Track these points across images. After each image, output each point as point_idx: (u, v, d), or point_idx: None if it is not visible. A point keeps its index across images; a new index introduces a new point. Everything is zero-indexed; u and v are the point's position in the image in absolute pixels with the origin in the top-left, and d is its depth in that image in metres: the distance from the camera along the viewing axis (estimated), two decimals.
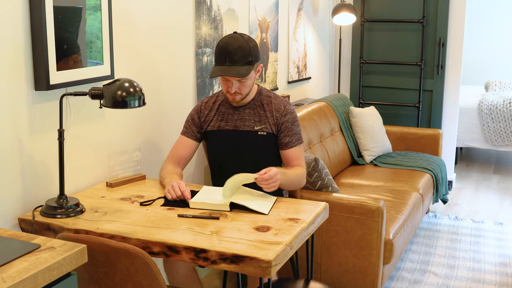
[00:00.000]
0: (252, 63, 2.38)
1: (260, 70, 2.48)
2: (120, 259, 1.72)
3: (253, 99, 2.53)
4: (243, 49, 2.35)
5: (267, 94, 2.56)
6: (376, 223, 2.77)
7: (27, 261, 1.46)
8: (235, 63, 2.35)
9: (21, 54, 2.02)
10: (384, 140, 4.33)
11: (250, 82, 2.43)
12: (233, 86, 2.40)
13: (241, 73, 2.34)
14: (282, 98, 2.58)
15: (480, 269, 3.46)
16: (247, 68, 2.36)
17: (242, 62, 2.35)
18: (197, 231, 1.92)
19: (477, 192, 5.03)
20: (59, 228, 1.98)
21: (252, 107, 2.52)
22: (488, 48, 7.64)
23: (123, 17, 2.50)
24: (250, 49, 2.37)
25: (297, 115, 2.57)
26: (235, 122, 2.52)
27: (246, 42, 2.37)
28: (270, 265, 1.71)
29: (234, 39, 2.38)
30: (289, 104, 2.56)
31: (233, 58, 2.34)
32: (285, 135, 2.50)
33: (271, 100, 2.54)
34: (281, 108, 2.51)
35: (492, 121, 5.61)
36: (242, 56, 2.35)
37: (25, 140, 2.08)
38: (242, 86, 2.42)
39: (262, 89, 2.58)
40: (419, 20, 4.85)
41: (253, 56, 2.38)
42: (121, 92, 2.03)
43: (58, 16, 2.09)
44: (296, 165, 2.50)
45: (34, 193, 2.14)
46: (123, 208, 2.14)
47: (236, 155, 2.52)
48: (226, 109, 2.55)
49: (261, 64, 2.49)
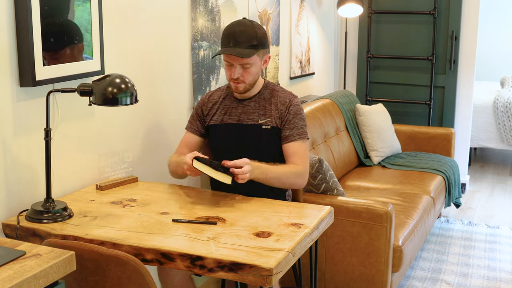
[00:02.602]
0: (257, 48, 2.45)
1: (268, 61, 2.55)
2: (110, 267, 1.72)
3: (259, 92, 2.59)
4: (248, 32, 2.44)
5: (273, 88, 2.62)
6: (384, 228, 2.77)
7: (12, 269, 1.46)
8: (238, 45, 2.43)
9: (5, 48, 2.02)
10: (393, 140, 4.33)
11: (254, 70, 2.49)
12: (235, 71, 2.46)
13: (243, 53, 2.41)
14: (289, 92, 2.63)
15: (496, 277, 3.46)
16: (250, 51, 2.43)
17: (246, 45, 2.43)
18: (193, 237, 1.92)
19: (492, 196, 5.03)
20: (45, 234, 1.98)
21: (257, 100, 2.58)
22: (504, 41, 7.64)
23: (114, 9, 2.50)
24: (256, 34, 2.45)
25: (303, 109, 2.60)
26: (239, 115, 2.57)
27: (253, 27, 2.46)
28: (271, 273, 1.71)
29: (241, 23, 2.49)
30: (295, 97, 2.60)
31: (237, 39, 2.44)
32: (287, 128, 2.54)
33: (277, 93, 2.59)
34: (286, 101, 2.56)
35: (508, 119, 5.61)
36: (247, 39, 2.43)
37: (9, 140, 2.08)
38: (246, 73, 2.47)
39: (268, 83, 2.64)
40: (430, 11, 4.85)
41: (258, 41, 2.45)
42: (112, 88, 2.03)
43: (45, 7, 2.09)
44: (293, 162, 2.50)
45: (18, 196, 2.14)
46: (114, 213, 2.14)
47: (239, 149, 2.54)
48: (230, 102, 2.61)
49: (269, 55, 2.56)
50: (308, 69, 4.70)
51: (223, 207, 2.22)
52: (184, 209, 2.21)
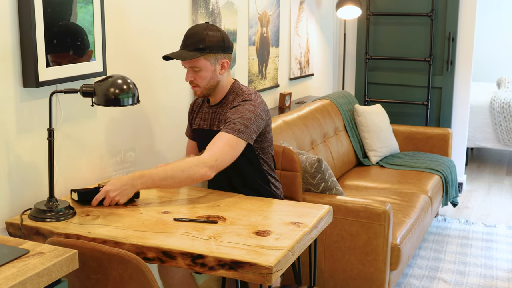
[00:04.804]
0: (202, 51, 2.34)
1: (226, 67, 2.42)
2: (112, 265, 1.72)
3: (225, 97, 2.48)
4: (196, 35, 2.37)
5: (236, 92, 2.48)
6: (382, 227, 2.77)
7: (15, 267, 1.46)
8: (185, 47, 2.38)
9: (8, 49, 2.02)
10: (391, 140, 4.33)
11: (205, 74, 2.39)
12: (187, 74, 2.42)
13: (182, 55, 2.35)
14: (246, 94, 2.44)
15: (492, 275, 3.46)
16: (193, 53, 2.35)
17: (191, 47, 2.36)
18: (194, 236, 1.92)
19: (489, 195, 5.03)
20: (48, 232, 1.97)
21: (222, 106, 2.49)
22: (500, 43, 7.64)
23: (116, 10, 2.50)
24: (205, 36, 2.35)
25: (247, 107, 2.37)
26: (210, 121, 2.53)
27: (203, 30, 2.37)
28: (270, 271, 1.71)
29: (196, 26, 2.42)
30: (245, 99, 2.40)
31: (185, 42, 2.39)
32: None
33: (237, 98, 2.45)
34: (234, 104, 2.42)
35: (504, 120, 5.61)
36: (193, 42, 2.36)
37: (13, 140, 2.08)
38: (197, 76, 2.40)
39: (234, 87, 2.49)
40: (427, 13, 4.85)
41: (205, 44, 2.34)
42: (114, 89, 2.03)
43: (48, 9, 2.09)
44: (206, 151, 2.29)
45: (22, 195, 2.14)
46: (116, 212, 2.14)
47: None
48: (206, 108, 2.57)
49: (226, 60, 2.42)
50: (307, 70, 4.70)
51: (223, 206, 2.22)
52: (185, 208, 2.20)
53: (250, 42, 3.69)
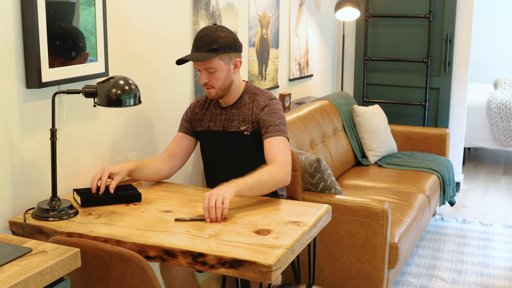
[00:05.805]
0: (217, 51, 2.34)
1: (239, 66, 2.44)
2: (114, 263, 1.72)
3: (240, 98, 2.50)
4: (208, 36, 2.36)
5: (253, 92, 2.52)
6: (380, 226, 2.77)
7: (18, 266, 1.46)
8: (198, 50, 2.37)
9: (12, 51, 2.02)
10: (389, 140, 4.33)
11: (220, 75, 2.39)
12: (202, 76, 2.40)
13: (197, 57, 2.34)
14: (266, 94, 2.52)
15: (489, 274, 3.46)
16: (208, 54, 2.34)
17: (205, 49, 2.35)
18: (195, 235, 1.92)
19: (486, 194, 5.03)
20: (51, 231, 1.98)
21: (238, 107, 2.50)
22: (497, 44, 7.64)
23: (118, 12, 2.50)
24: (217, 37, 2.35)
25: (280, 109, 2.48)
26: (223, 122, 2.51)
27: (215, 31, 2.37)
28: (270, 269, 1.72)
29: (206, 28, 2.41)
30: (272, 98, 2.49)
31: (198, 45, 2.37)
32: (263, 127, 2.44)
33: (256, 97, 2.49)
34: (261, 104, 2.47)
35: (501, 120, 5.61)
36: (206, 43, 2.35)
37: (16, 140, 2.08)
38: (212, 78, 2.39)
39: (249, 87, 2.53)
40: (425, 15, 4.85)
41: (219, 45, 2.35)
42: (116, 90, 2.03)
43: (51, 11, 2.09)
44: (269, 157, 2.35)
45: (25, 195, 2.14)
46: (118, 211, 2.14)
47: (225, 156, 2.52)
48: (215, 109, 2.55)
49: (239, 59, 2.44)
50: (307, 71, 4.70)
51: None
52: (186, 207, 2.21)
53: (250, 44, 3.70)
